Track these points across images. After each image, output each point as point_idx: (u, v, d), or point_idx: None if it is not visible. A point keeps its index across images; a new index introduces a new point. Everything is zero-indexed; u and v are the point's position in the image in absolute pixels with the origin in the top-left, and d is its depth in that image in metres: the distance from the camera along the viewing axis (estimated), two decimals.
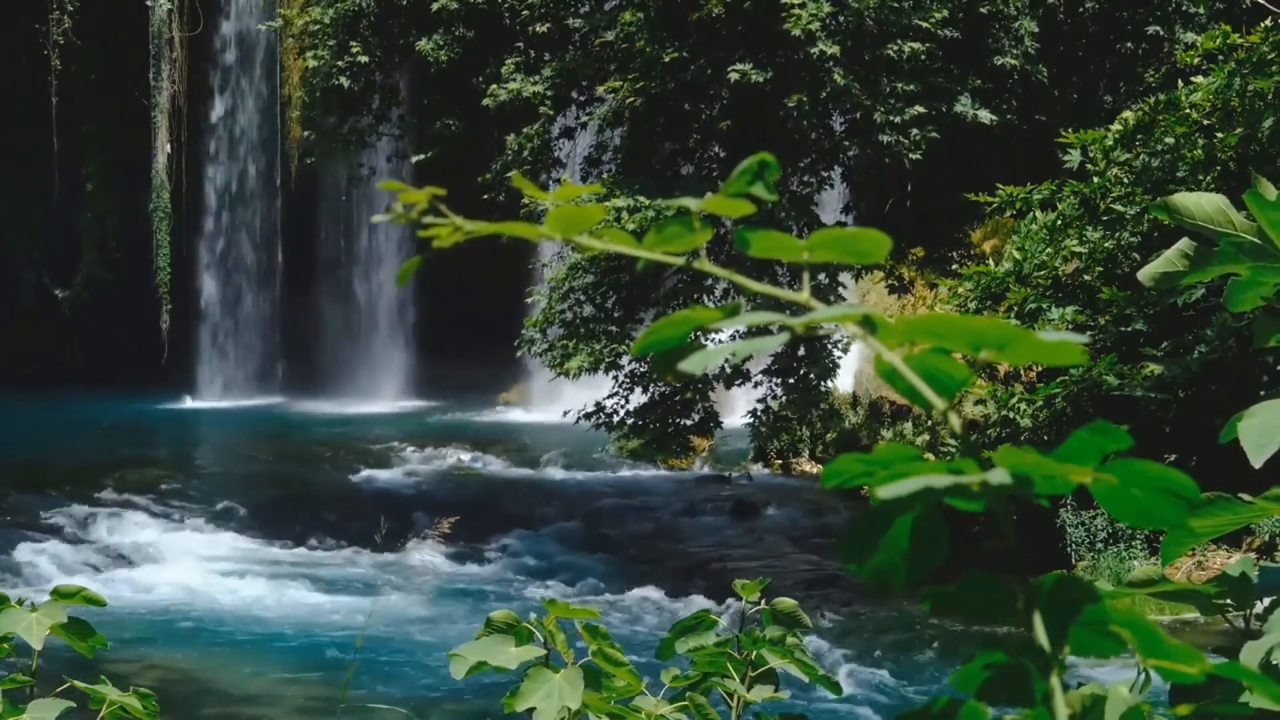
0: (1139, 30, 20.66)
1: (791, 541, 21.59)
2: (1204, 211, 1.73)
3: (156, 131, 36.94)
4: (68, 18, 36.69)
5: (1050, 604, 0.97)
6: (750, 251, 1.04)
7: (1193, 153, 16.28)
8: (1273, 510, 1.55)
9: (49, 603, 2.71)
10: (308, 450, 29.08)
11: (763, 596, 2.70)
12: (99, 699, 2.67)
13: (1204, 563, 15.99)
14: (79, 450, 27.31)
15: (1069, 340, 0.96)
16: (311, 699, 14.04)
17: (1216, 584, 1.68)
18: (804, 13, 18.21)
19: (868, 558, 0.99)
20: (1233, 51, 16.28)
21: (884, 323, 0.97)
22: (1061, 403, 16.52)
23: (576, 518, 22.43)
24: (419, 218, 1.08)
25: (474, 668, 2.51)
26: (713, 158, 21.17)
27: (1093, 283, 16.87)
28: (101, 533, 21.00)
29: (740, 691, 2.63)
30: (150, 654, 15.18)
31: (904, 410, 26.24)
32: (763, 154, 1.07)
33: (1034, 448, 0.95)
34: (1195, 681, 1.00)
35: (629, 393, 20.55)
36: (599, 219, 1.06)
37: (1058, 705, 0.98)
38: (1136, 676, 1.38)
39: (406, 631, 15.94)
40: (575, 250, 13.46)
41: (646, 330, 1.02)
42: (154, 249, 36.91)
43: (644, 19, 19.65)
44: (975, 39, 19.65)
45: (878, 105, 18.93)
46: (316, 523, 21.55)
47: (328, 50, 21.89)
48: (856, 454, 0.99)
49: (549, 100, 20.44)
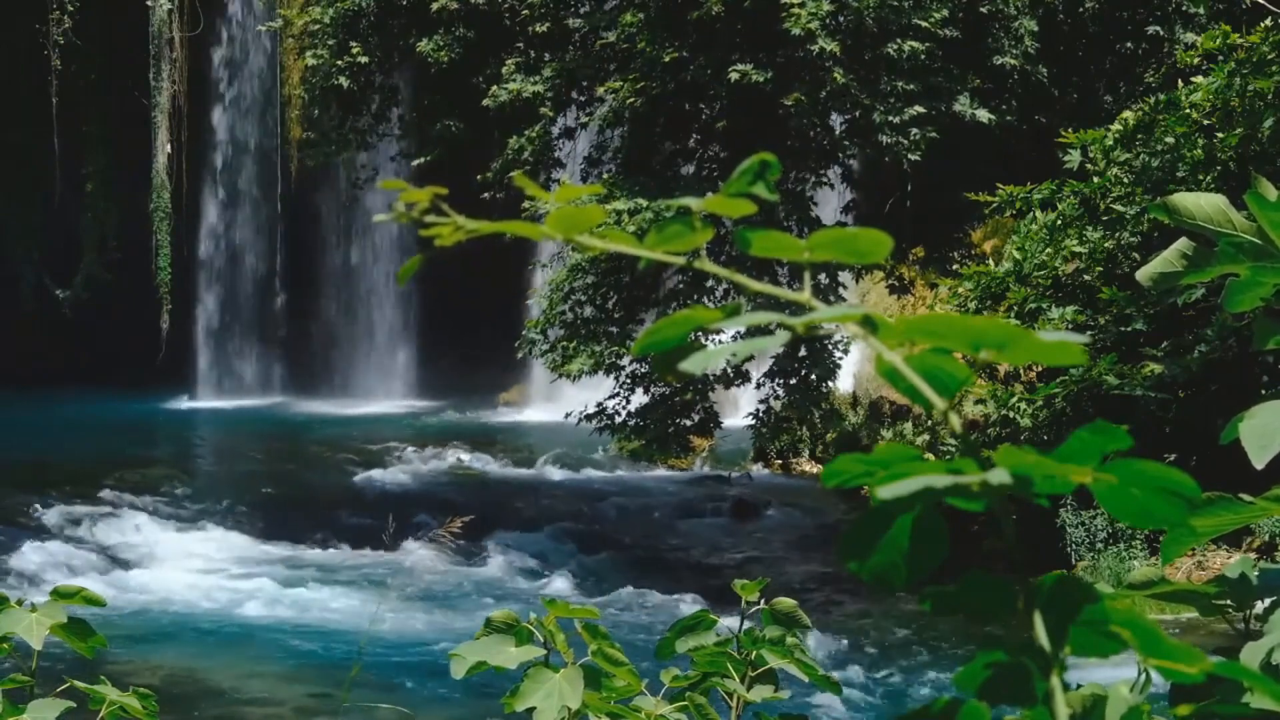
0: (1139, 30, 20.66)
1: (791, 541, 21.60)
2: (1204, 212, 1.73)
3: (156, 131, 36.94)
4: (68, 18, 36.69)
5: (1050, 604, 0.98)
6: (751, 251, 1.04)
7: (1193, 153, 16.28)
8: (1273, 510, 1.55)
9: (49, 603, 2.71)
10: (307, 450, 29.08)
11: (762, 596, 2.70)
12: (99, 699, 2.67)
13: (1204, 563, 15.99)
14: (79, 450, 27.31)
15: (1069, 340, 0.96)
16: (311, 699, 14.05)
17: (1216, 584, 1.68)
18: (804, 12, 18.21)
19: (868, 557, 0.99)
20: (1233, 51, 16.28)
21: (884, 323, 0.97)
22: (1061, 403, 16.52)
23: (576, 518, 22.43)
24: (420, 217, 1.08)
25: (474, 668, 2.51)
26: (713, 158, 21.17)
27: (1093, 283, 16.87)
28: (101, 533, 20.99)
29: (740, 691, 2.63)
30: (150, 654, 15.18)
31: (904, 410, 26.25)
32: (763, 154, 1.07)
33: (1034, 448, 0.95)
34: (1195, 681, 1.00)
35: (630, 393, 20.55)
36: (600, 219, 1.06)
37: (1058, 705, 0.98)
38: (1137, 676, 1.38)
39: (406, 631, 15.94)
40: (576, 251, 13.47)
41: (647, 331, 1.02)
42: (154, 249, 36.90)
43: (644, 19, 19.65)
44: (975, 39, 19.65)
45: (877, 105, 18.93)
46: (316, 523, 21.55)
47: (327, 50, 21.89)
48: (856, 454, 0.99)
49: (549, 100, 20.44)
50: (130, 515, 21.93)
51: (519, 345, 20.59)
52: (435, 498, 23.19)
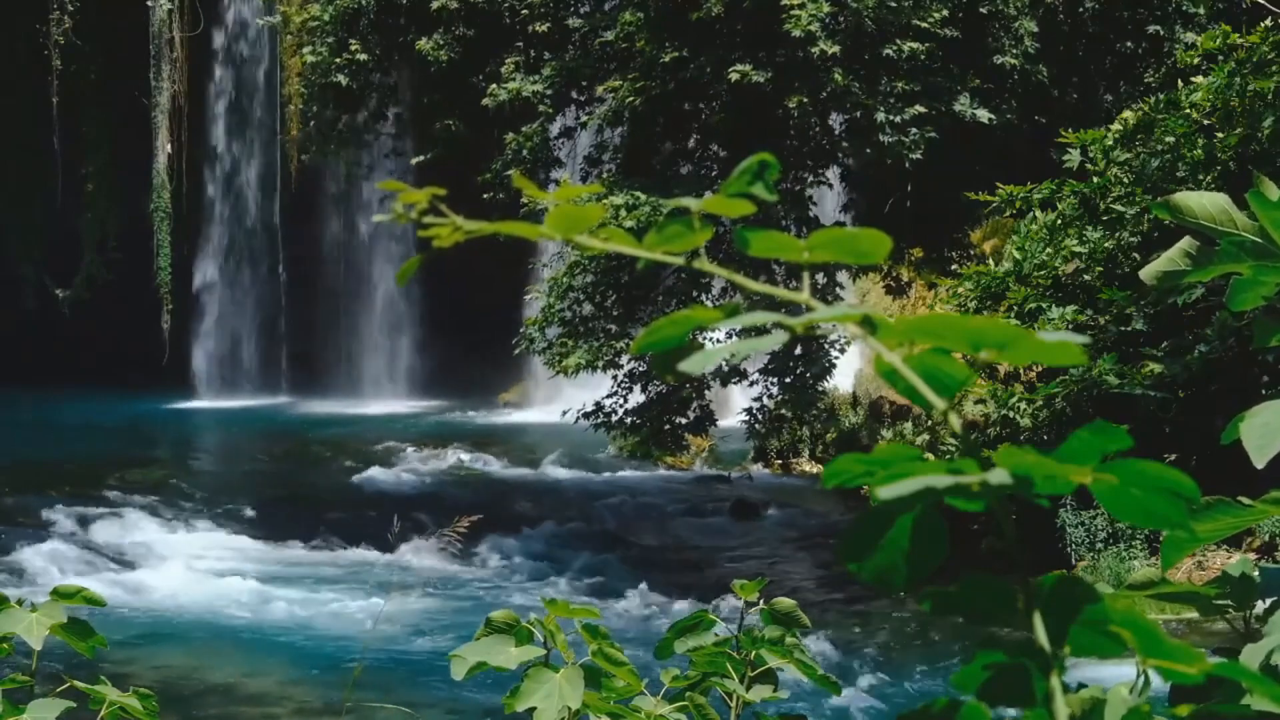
0: (1139, 30, 20.66)
1: (791, 541, 21.60)
2: (1206, 211, 1.73)
3: (157, 131, 36.95)
4: (68, 18, 36.70)
5: (1050, 604, 0.97)
6: (750, 251, 1.04)
7: (1193, 153, 16.28)
8: (1272, 512, 1.55)
9: (49, 603, 2.71)
10: (308, 450, 29.09)
11: (762, 596, 2.70)
12: (99, 699, 2.67)
13: (1204, 563, 15.99)
14: (79, 450, 27.32)
15: (1069, 340, 0.96)
16: (312, 699, 14.04)
17: (1216, 585, 1.68)
18: (804, 13, 18.21)
19: (868, 558, 0.99)
20: (1233, 51, 16.28)
21: (884, 323, 0.97)
22: (1061, 403, 16.52)
23: (576, 518, 22.43)
24: (419, 217, 1.08)
25: (474, 668, 2.51)
26: (712, 157, 21.18)
27: (1093, 283, 16.87)
28: (101, 533, 20.98)
29: (739, 691, 2.63)
30: (150, 654, 15.17)
31: (904, 410, 26.25)
32: (763, 154, 1.07)
33: (1034, 448, 0.95)
34: (1195, 682, 1.00)
35: (628, 391, 20.56)
36: (599, 219, 1.06)
37: (1058, 706, 0.98)
38: (1137, 677, 1.38)
39: (406, 631, 15.94)
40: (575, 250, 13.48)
41: (646, 330, 1.02)
42: (154, 249, 36.91)
43: (644, 19, 19.65)
44: (975, 39, 19.65)
45: (878, 105, 18.93)
46: (317, 522, 21.55)
47: (326, 47, 21.89)
48: (857, 454, 0.99)
49: (549, 100, 20.44)
50: (131, 515, 21.93)
51: (517, 342, 20.60)
52: (435, 498, 23.19)
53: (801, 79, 18.98)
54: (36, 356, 37.34)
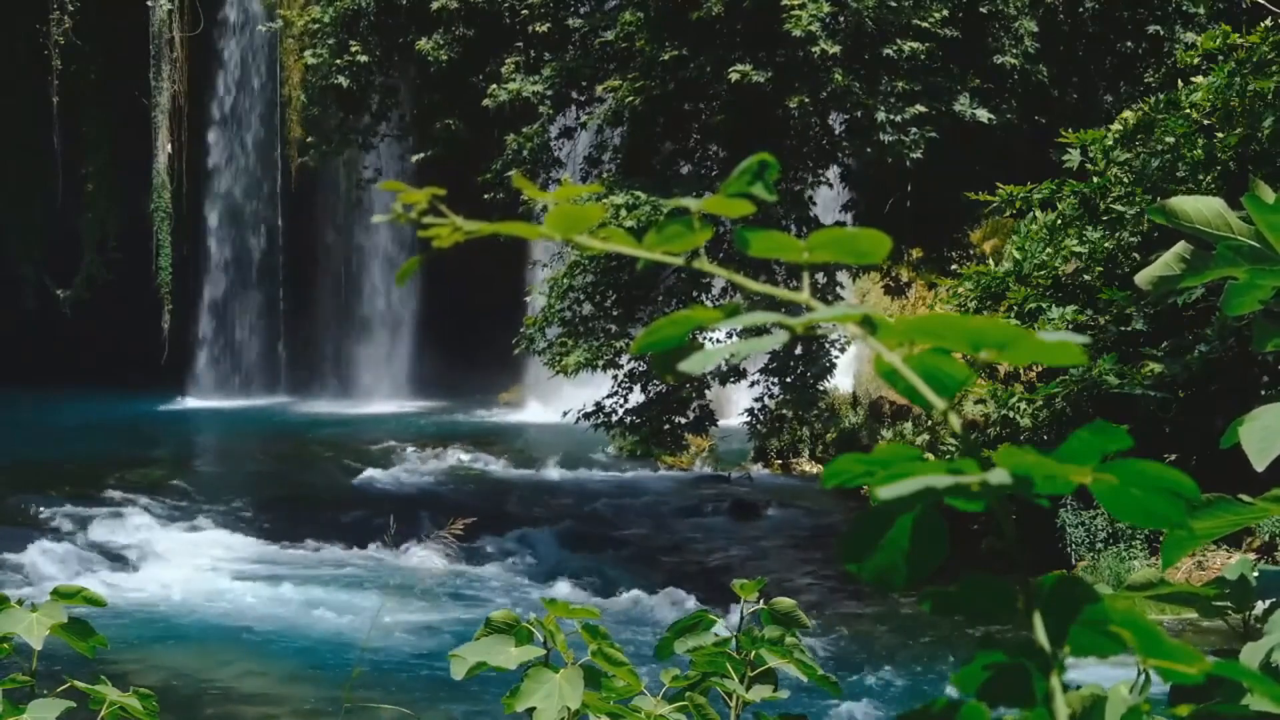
0: (1139, 30, 20.66)
1: (791, 541, 21.60)
2: (1202, 215, 1.73)
3: (157, 131, 36.94)
4: (68, 18, 36.69)
5: (1050, 604, 0.97)
6: (750, 251, 1.04)
7: (1193, 153, 16.29)
8: (1273, 511, 1.55)
9: (49, 603, 2.71)
10: (308, 450, 29.09)
11: (761, 596, 2.70)
12: (99, 699, 2.67)
13: (1204, 563, 15.99)
14: (79, 450, 27.32)
15: (1069, 340, 0.96)
16: (312, 699, 14.04)
17: (1216, 585, 1.68)
18: (804, 13, 18.21)
19: (868, 558, 0.99)
20: (1233, 51, 16.29)
21: (884, 323, 0.97)
22: (1061, 403, 16.52)
23: (577, 518, 22.43)
24: (419, 218, 1.08)
25: (474, 668, 2.51)
26: (712, 157, 21.17)
27: (1093, 283, 16.87)
28: (101, 533, 20.98)
29: (739, 691, 2.63)
30: (150, 654, 15.17)
31: (904, 410, 26.24)
32: (762, 154, 1.07)
33: (1034, 448, 0.95)
34: (1195, 682, 1.00)
35: (628, 391, 20.57)
36: (599, 219, 1.06)
37: (1058, 706, 0.98)
38: (1136, 677, 1.38)
39: (406, 630, 15.93)
40: (575, 250, 13.48)
41: (646, 330, 1.02)
42: (154, 249, 36.91)
43: (644, 19, 19.65)
44: (975, 38, 19.65)
45: (878, 105, 18.93)
46: (317, 523, 21.54)
47: (327, 49, 21.90)
48: (857, 454, 0.99)
49: (549, 100, 20.44)
50: (130, 515, 21.93)
51: (517, 342, 20.61)
52: (435, 498, 23.19)
53: (801, 79, 18.98)
54: (36, 356, 37.33)
